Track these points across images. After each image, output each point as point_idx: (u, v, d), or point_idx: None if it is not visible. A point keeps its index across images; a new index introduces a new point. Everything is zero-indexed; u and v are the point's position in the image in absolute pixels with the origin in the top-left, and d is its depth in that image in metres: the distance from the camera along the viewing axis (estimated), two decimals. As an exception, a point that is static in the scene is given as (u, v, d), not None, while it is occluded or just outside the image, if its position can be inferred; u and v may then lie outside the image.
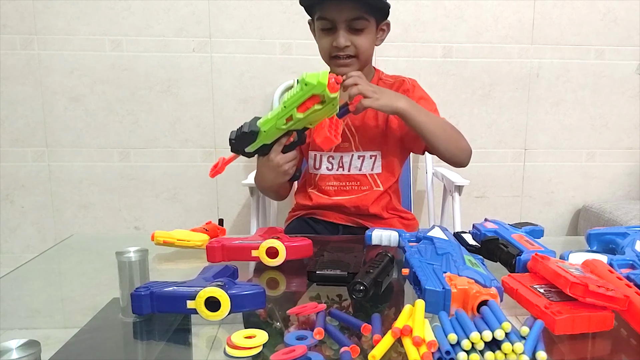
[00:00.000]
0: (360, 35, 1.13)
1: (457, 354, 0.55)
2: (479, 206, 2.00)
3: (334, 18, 1.11)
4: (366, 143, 1.21)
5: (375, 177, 1.23)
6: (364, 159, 1.22)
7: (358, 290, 0.70)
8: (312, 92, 0.91)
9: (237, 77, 1.86)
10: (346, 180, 1.23)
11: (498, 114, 1.94)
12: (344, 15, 1.10)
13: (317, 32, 1.16)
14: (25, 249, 1.92)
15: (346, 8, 1.09)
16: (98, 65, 1.81)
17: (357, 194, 1.23)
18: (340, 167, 1.23)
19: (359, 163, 1.22)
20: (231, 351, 0.59)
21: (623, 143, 2.00)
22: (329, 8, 1.11)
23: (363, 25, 1.12)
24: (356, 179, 1.23)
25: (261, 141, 1.00)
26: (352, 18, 1.10)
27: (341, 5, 1.09)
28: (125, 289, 0.70)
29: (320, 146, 0.98)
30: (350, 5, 1.09)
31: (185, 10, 1.80)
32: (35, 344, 0.53)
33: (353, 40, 1.12)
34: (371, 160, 1.22)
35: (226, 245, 0.88)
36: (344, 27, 1.11)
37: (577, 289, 0.63)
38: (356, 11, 1.10)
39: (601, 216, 1.84)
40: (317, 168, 1.24)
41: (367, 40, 1.14)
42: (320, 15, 1.13)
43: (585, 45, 1.91)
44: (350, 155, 1.22)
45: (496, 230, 0.93)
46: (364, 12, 1.11)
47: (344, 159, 1.22)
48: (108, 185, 1.90)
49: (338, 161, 1.23)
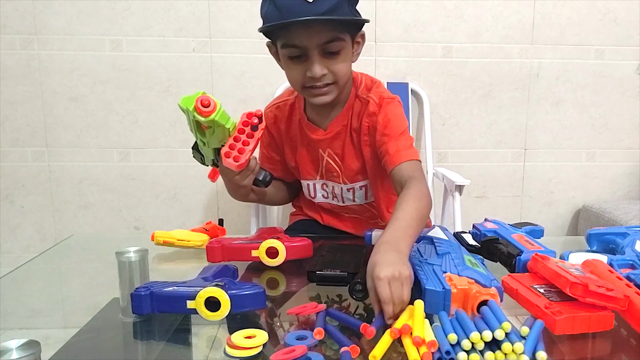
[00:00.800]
0: (336, 59, 0.97)
1: (457, 354, 0.55)
2: (479, 206, 2.00)
3: (304, 44, 0.94)
4: (351, 175, 1.13)
5: (374, 204, 1.18)
6: (354, 190, 1.15)
7: (358, 290, 0.70)
8: (190, 117, 0.84)
9: (237, 77, 1.86)
10: (343, 210, 1.20)
11: (498, 114, 1.94)
12: (315, 40, 0.93)
13: (283, 60, 1.00)
14: (25, 249, 1.92)
15: (317, 31, 0.92)
16: (98, 65, 1.81)
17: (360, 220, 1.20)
18: (335, 198, 1.18)
19: (350, 195, 1.16)
20: (231, 351, 0.60)
21: (623, 143, 2.00)
22: (296, 33, 0.93)
23: (339, 47, 0.96)
24: (353, 209, 1.19)
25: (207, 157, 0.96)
26: (326, 41, 0.94)
27: (310, 29, 0.92)
28: (125, 289, 0.71)
29: (226, 167, 0.88)
30: (321, 27, 0.92)
31: (185, 10, 1.80)
32: (35, 344, 0.53)
33: (329, 67, 0.97)
34: (362, 191, 1.15)
35: (226, 245, 0.88)
36: (317, 52, 0.95)
37: (577, 289, 0.63)
38: (329, 33, 0.93)
39: (601, 216, 1.84)
40: (312, 197, 1.21)
41: (345, 64, 0.99)
42: (287, 43, 0.96)
43: (585, 45, 1.91)
44: (340, 188, 1.15)
45: (496, 230, 0.93)
46: (338, 33, 0.95)
47: (335, 190, 1.16)
48: (108, 185, 1.90)
49: (331, 191, 1.18)
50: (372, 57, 1.84)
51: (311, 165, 1.16)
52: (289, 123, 1.16)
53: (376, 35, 1.83)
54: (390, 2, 1.83)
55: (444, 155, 1.92)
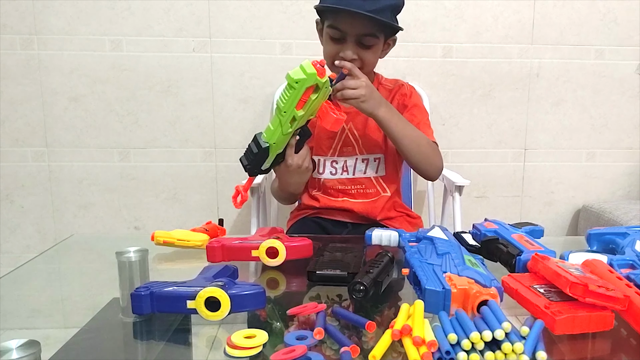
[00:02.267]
0: (367, 51, 1.12)
1: (457, 354, 0.55)
2: (479, 206, 2.00)
3: (346, 30, 1.09)
4: (370, 146, 1.22)
5: (380, 180, 1.24)
6: (368, 162, 1.23)
7: (358, 290, 0.70)
8: (305, 86, 0.92)
9: (237, 77, 1.86)
10: (351, 184, 1.23)
11: (498, 114, 1.94)
12: (355, 30, 1.09)
13: (325, 37, 1.15)
14: (25, 249, 1.92)
15: (359, 23, 1.08)
16: (98, 65, 1.81)
17: (363, 198, 1.23)
18: (345, 171, 1.23)
19: (363, 166, 1.22)
20: (231, 351, 0.59)
21: (623, 143, 2.00)
22: (342, 19, 1.09)
23: (372, 42, 1.12)
24: (361, 182, 1.23)
25: (274, 153, 1.01)
26: (364, 34, 1.09)
27: (355, 20, 1.07)
28: (125, 289, 0.70)
29: (332, 130, 1.00)
30: (364, 21, 1.07)
31: (185, 10, 1.80)
32: (35, 344, 0.53)
33: (360, 55, 1.11)
34: (375, 163, 1.23)
35: (226, 245, 0.88)
36: (354, 40, 1.10)
37: (577, 289, 0.63)
38: (369, 28, 1.09)
39: (601, 216, 1.84)
40: (320, 173, 1.24)
41: (374, 56, 1.15)
42: (332, 24, 1.11)
43: (585, 45, 1.91)
44: (354, 159, 1.22)
45: (496, 230, 0.93)
46: (375, 30, 1.10)
47: (348, 162, 1.23)
48: (108, 185, 1.90)
49: (342, 165, 1.23)
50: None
51: (327, 142, 1.23)
52: None
53: (376, 35, 1.83)
54: (390, 2, 1.83)
55: (444, 155, 1.89)
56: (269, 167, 1.03)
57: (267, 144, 0.99)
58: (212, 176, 1.91)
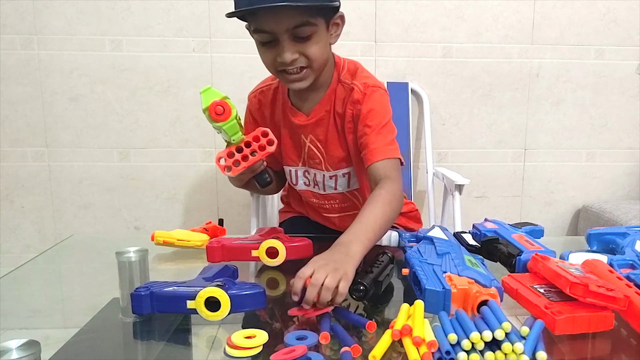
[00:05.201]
0: (308, 43, 0.94)
1: (457, 354, 0.55)
2: (479, 206, 2.00)
3: (273, 30, 0.92)
4: (335, 162, 1.10)
5: (356, 192, 1.15)
6: (336, 177, 1.12)
7: (358, 290, 0.70)
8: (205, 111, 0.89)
9: (237, 77, 1.85)
10: (324, 199, 1.16)
11: (498, 114, 1.94)
12: (284, 26, 0.91)
13: (256, 44, 0.99)
14: (25, 249, 1.92)
15: (285, 16, 0.90)
16: (98, 65, 1.81)
17: (339, 212, 1.17)
18: (316, 185, 1.14)
19: (332, 183, 1.13)
20: (231, 351, 0.60)
21: (623, 143, 2.00)
22: (266, 19, 0.91)
23: (309, 32, 0.93)
24: (334, 198, 1.15)
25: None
26: (295, 26, 0.91)
27: (279, 14, 0.90)
28: (125, 289, 0.71)
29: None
30: (290, 12, 0.89)
31: (185, 10, 1.80)
32: (35, 344, 0.53)
33: (301, 50, 0.94)
34: (345, 179, 1.12)
35: (226, 245, 0.88)
36: (287, 37, 0.93)
37: (577, 289, 0.63)
38: (298, 18, 0.91)
39: (601, 216, 1.84)
40: (294, 183, 1.18)
41: (318, 47, 0.96)
42: (257, 28, 0.94)
43: (585, 45, 1.91)
44: (322, 175, 1.12)
45: (496, 230, 0.93)
46: (308, 17, 0.92)
47: (317, 177, 1.13)
48: (108, 185, 1.90)
49: (312, 179, 1.14)
50: (372, 57, 1.84)
51: (294, 151, 1.13)
52: (273, 108, 1.14)
53: (376, 35, 1.83)
54: (390, 2, 1.83)
55: (444, 155, 1.92)
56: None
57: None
58: (212, 176, 1.91)
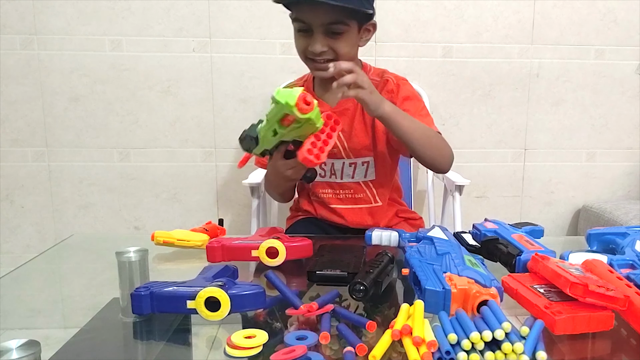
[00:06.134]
0: (338, 39, 1.05)
1: (457, 354, 0.55)
2: (479, 206, 2.00)
3: (310, 21, 1.04)
4: (357, 150, 1.16)
5: (370, 184, 1.19)
6: (355, 166, 1.17)
7: (358, 290, 0.70)
8: (282, 111, 0.85)
9: (237, 77, 1.86)
10: (339, 188, 1.19)
11: (498, 114, 1.94)
12: (320, 19, 1.02)
13: (294, 32, 1.10)
14: (25, 249, 1.92)
15: (323, 12, 1.01)
16: (98, 65, 1.81)
17: (352, 203, 1.19)
18: (333, 175, 1.18)
19: (350, 171, 1.17)
20: (231, 351, 0.59)
21: (623, 143, 2.00)
22: (305, 10, 1.04)
23: (342, 30, 1.04)
24: (349, 187, 1.19)
25: (262, 146, 0.97)
26: (330, 22, 1.03)
27: (318, 9, 1.01)
28: (125, 289, 0.70)
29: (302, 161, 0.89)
30: (328, 9, 1.00)
31: (185, 10, 1.80)
32: (35, 344, 0.53)
33: (331, 45, 1.05)
34: (363, 167, 1.17)
35: (226, 245, 0.88)
36: (321, 31, 1.04)
37: (577, 289, 0.63)
38: (334, 15, 1.02)
39: (601, 216, 1.84)
40: None
41: (347, 44, 1.06)
42: (297, 17, 1.06)
43: (585, 45, 1.91)
44: (341, 163, 1.17)
45: (496, 230, 0.93)
46: (343, 17, 1.03)
47: (335, 166, 1.17)
48: (108, 185, 1.90)
49: (330, 168, 1.18)
50: (372, 57, 1.84)
51: None
52: None
53: (376, 35, 1.82)
54: (390, 2, 1.83)
55: (444, 155, 1.92)
56: (260, 154, 1.01)
57: (256, 135, 0.96)
58: (212, 176, 1.91)
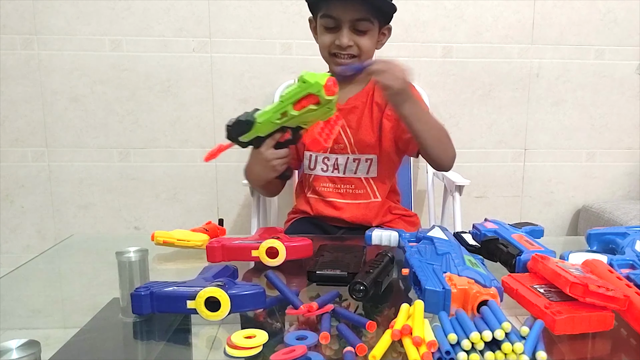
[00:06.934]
0: (363, 37, 1.13)
1: (457, 354, 0.55)
2: (479, 206, 2.00)
3: (339, 17, 1.10)
4: (362, 146, 1.20)
5: (371, 181, 1.22)
6: (359, 162, 1.21)
7: (358, 290, 0.70)
8: (308, 90, 0.90)
9: (237, 77, 1.86)
10: (340, 182, 1.22)
11: (498, 114, 1.94)
12: (349, 15, 1.10)
13: (319, 29, 1.16)
14: (25, 249, 1.92)
15: (352, 8, 1.09)
16: (98, 65, 1.81)
17: (352, 198, 1.22)
18: (335, 169, 1.22)
19: (354, 166, 1.21)
20: (231, 351, 0.59)
21: (623, 143, 2.00)
22: (335, 6, 1.10)
23: (367, 27, 1.12)
24: (350, 182, 1.22)
25: (255, 132, 0.99)
26: (358, 18, 1.10)
27: (348, 5, 1.09)
28: (125, 289, 0.70)
29: (309, 147, 0.97)
30: (357, 5, 1.09)
31: (185, 10, 1.80)
32: (35, 344, 0.53)
33: (356, 41, 1.12)
34: (366, 164, 1.21)
35: (226, 245, 0.88)
36: (348, 26, 1.11)
37: (577, 289, 0.63)
38: (362, 12, 1.10)
39: (601, 216, 1.84)
40: (311, 169, 1.23)
41: (370, 42, 1.14)
42: (325, 13, 1.12)
43: (585, 45, 1.91)
44: (345, 158, 1.21)
45: (496, 230, 0.93)
46: (370, 15, 1.11)
47: (339, 160, 1.21)
48: (108, 185, 1.90)
49: (333, 163, 1.22)
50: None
51: None
52: None
53: (376, 35, 1.83)
54: (390, 2, 1.83)
55: (444, 155, 1.92)
56: (246, 143, 1.02)
57: (253, 120, 0.98)
58: (212, 176, 1.91)
